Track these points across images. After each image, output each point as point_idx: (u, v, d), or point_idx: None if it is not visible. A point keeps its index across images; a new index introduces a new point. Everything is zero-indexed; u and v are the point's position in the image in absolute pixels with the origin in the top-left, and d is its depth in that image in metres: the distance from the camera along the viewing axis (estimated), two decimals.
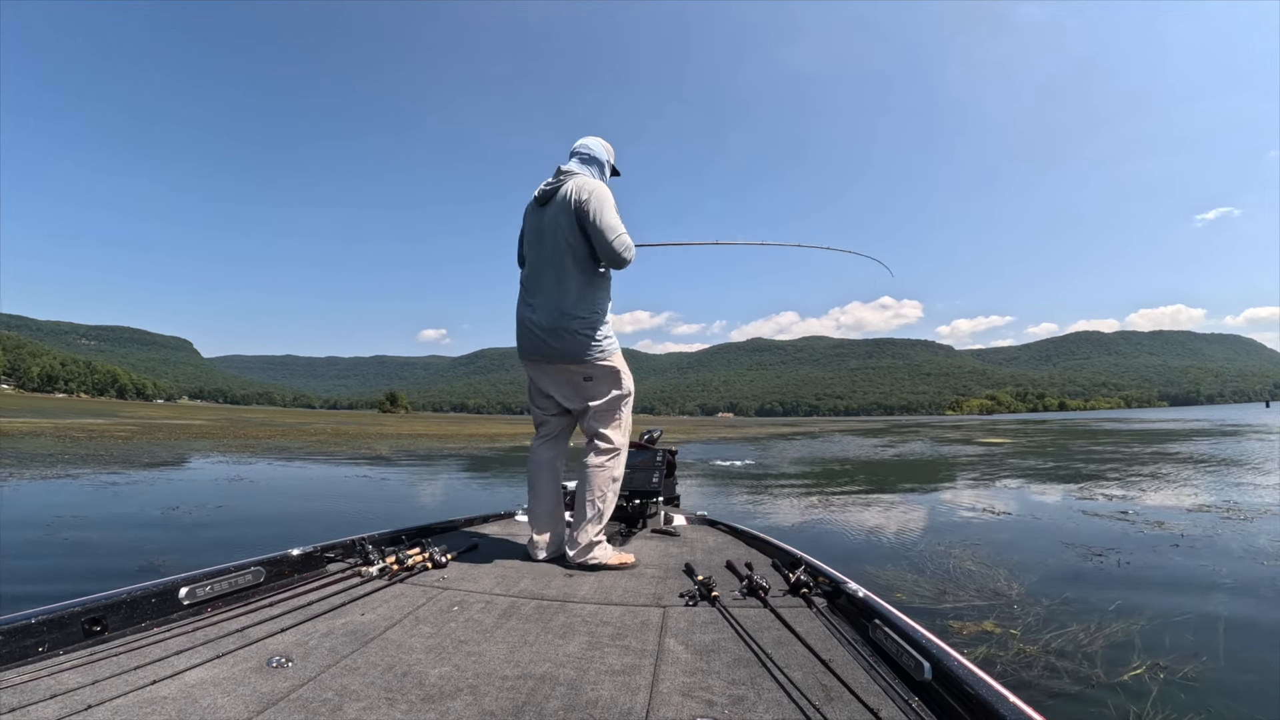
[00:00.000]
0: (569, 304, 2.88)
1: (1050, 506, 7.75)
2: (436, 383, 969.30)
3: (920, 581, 4.28)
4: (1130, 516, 6.88)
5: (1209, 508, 7.48)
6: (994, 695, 1.28)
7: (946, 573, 4.52)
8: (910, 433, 36.90)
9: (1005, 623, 3.50)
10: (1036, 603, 3.84)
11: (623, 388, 3.00)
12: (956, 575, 4.45)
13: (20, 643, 1.62)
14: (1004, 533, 6.07)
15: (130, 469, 10.92)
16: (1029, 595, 3.99)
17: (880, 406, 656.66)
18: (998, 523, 6.60)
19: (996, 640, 3.24)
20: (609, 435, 2.96)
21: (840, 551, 5.36)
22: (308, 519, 6.88)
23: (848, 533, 6.22)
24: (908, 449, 20.50)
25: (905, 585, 4.20)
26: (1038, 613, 3.67)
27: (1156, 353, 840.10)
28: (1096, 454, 16.45)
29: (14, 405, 56.07)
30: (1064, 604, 3.84)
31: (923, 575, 4.46)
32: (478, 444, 21.96)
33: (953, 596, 3.96)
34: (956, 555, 5.03)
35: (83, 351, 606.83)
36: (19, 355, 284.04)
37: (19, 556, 4.76)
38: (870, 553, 5.25)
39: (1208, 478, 10.68)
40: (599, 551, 2.81)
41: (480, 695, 1.53)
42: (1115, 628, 3.48)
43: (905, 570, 4.60)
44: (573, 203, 2.85)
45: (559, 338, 2.88)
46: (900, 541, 5.73)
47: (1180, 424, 40.37)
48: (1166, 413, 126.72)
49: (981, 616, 3.59)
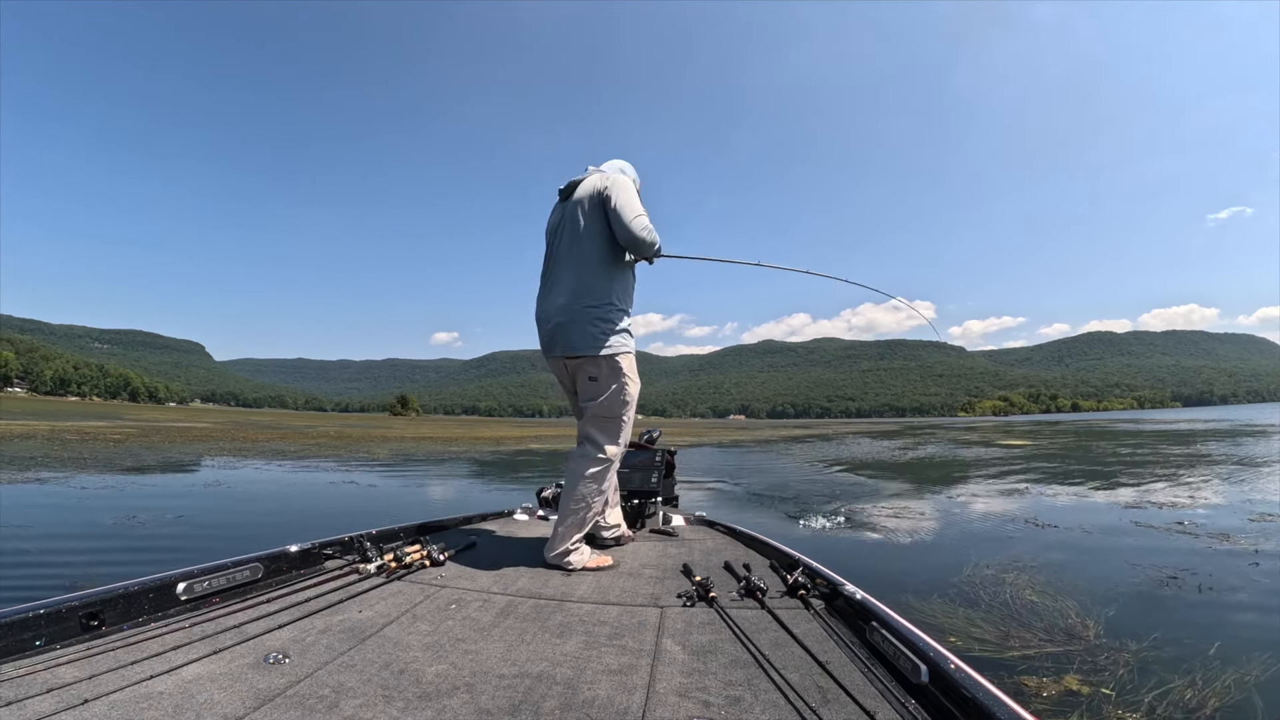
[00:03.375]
0: (580, 292, 2.82)
1: (1097, 517, 6.97)
2: (448, 385, 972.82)
3: (975, 619, 3.54)
4: (1189, 528, 6.16)
5: (1272, 516, 6.78)
6: (990, 698, 1.27)
7: (1005, 606, 3.78)
8: (926, 434, 36.02)
9: (1091, 677, 2.80)
10: (1122, 647, 3.13)
11: (626, 393, 2.85)
12: (1018, 609, 3.70)
13: (17, 636, 1.61)
14: (1056, 551, 5.31)
15: (108, 473, 10.46)
16: (1110, 636, 3.28)
17: (892, 408, 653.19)
18: (1045, 538, 5.85)
19: (1087, 704, 2.55)
20: (601, 444, 2.85)
21: (877, 579, 4.51)
22: (270, 534, 6.20)
23: (878, 552, 5.51)
24: (927, 452, 19.68)
25: (958, 625, 3.46)
26: (1127, 661, 2.96)
27: (1169, 353, 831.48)
28: (1125, 456, 15.61)
29: (21, 408, 56.22)
30: (1155, 648, 3.14)
31: (977, 610, 3.71)
32: (481, 448, 21.34)
33: (1019, 639, 3.23)
34: (1012, 582, 4.27)
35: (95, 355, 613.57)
36: (32, 359, 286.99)
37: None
38: (910, 579, 4.47)
39: (1254, 481, 9.93)
40: (574, 558, 2.74)
41: (477, 693, 1.52)
42: (1226, 680, 2.79)
43: (955, 603, 3.85)
44: (594, 190, 2.85)
45: (566, 330, 2.82)
46: (942, 563, 4.95)
47: (1201, 424, 39.32)
48: (1182, 413, 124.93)
49: (1060, 668, 2.89)
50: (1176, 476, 10.87)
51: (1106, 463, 14.10)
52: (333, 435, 28.12)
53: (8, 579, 4.16)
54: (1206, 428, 32.73)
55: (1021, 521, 6.66)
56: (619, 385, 2.82)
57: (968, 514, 7.44)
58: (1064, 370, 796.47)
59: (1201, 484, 9.80)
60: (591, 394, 2.86)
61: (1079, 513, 7.29)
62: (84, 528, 6.00)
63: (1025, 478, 11.24)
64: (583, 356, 2.81)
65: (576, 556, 2.75)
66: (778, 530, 6.41)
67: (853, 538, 6.08)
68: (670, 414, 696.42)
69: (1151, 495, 8.54)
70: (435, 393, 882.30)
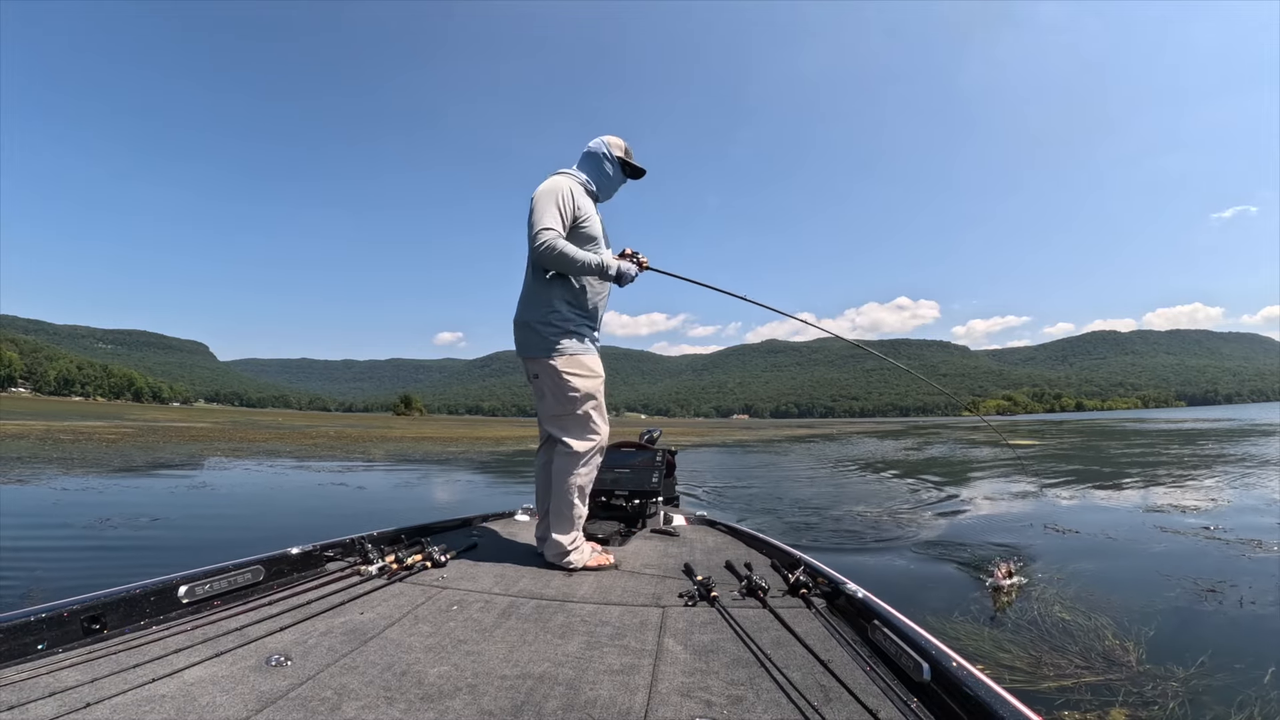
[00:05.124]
0: (527, 299, 2.90)
1: (1117, 521, 6.60)
2: (452, 385, 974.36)
3: (1004, 641, 3.20)
4: (1217, 533, 5.81)
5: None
6: (993, 696, 1.27)
7: (1034, 625, 3.43)
8: (931, 434, 35.60)
9: (1140, 712, 2.47)
10: (1168, 674, 2.80)
11: (576, 389, 2.82)
12: (1049, 629, 3.35)
13: (19, 640, 1.61)
14: (1082, 560, 4.94)
15: (93, 474, 10.16)
16: (1154, 661, 2.94)
17: (896, 408, 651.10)
18: (1068, 545, 5.49)
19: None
20: (563, 439, 2.84)
21: (892, 594, 4.11)
22: (246, 540, 5.87)
23: (893, 563, 5.18)
24: (934, 453, 19.29)
25: (984, 648, 3.11)
26: (1176, 692, 2.63)
27: (1173, 352, 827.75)
28: (1137, 457, 15.20)
29: (23, 408, 56.12)
30: (1205, 674, 2.81)
31: (1004, 630, 3.37)
32: (480, 448, 21.04)
33: (1053, 667, 2.88)
34: (1039, 596, 3.92)
35: (100, 355, 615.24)
36: (36, 359, 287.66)
37: None
38: (928, 594, 4.13)
39: (1276, 483, 9.53)
40: (574, 556, 2.75)
41: (479, 694, 1.52)
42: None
43: (980, 623, 3.50)
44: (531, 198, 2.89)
45: (518, 332, 2.92)
46: (960, 576, 4.59)
47: (1208, 424, 38.74)
48: (1187, 412, 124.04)
49: (1103, 700, 2.56)
50: (1193, 478, 10.49)
51: (1119, 463, 13.70)
52: (332, 436, 27.84)
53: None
54: (1214, 427, 32.25)
55: (1040, 527, 6.30)
56: (559, 383, 2.82)
57: (984, 519, 7.06)
58: (1068, 370, 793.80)
59: (1221, 485, 9.42)
60: (537, 392, 2.92)
61: (1098, 517, 6.93)
62: (51, 531, 5.71)
63: (1038, 479, 10.86)
64: (527, 358, 2.89)
65: (576, 555, 2.76)
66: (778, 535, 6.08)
67: (861, 546, 5.75)
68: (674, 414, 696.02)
69: (1171, 498, 8.18)
70: (439, 392, 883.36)
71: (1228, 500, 7.97)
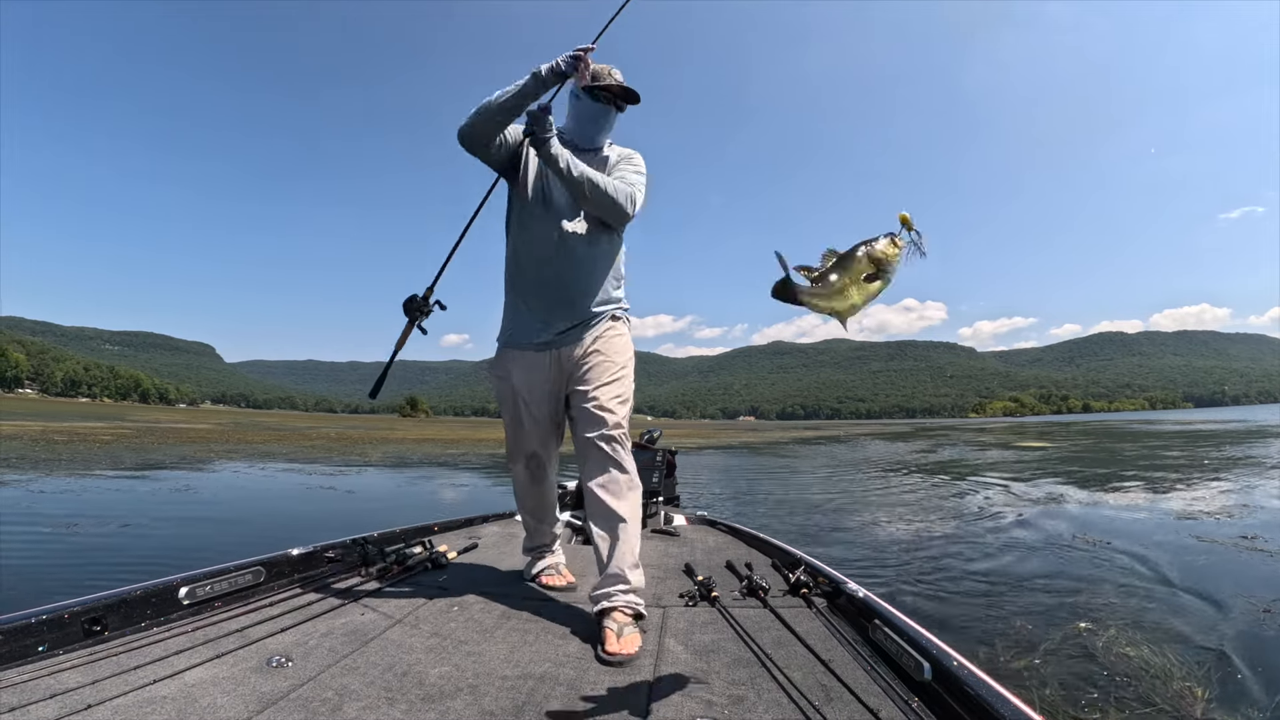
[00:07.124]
0: None
1: (1148, 530, 6.16)
2: (458, 387, 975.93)
3: (1051, 678, 2.72)
4: (1260, 544, 5.39)
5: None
6: (994, 696, 1.26)
7: (1087, 658, 2.98)
8: (940, 436, 35.12)
9: None
10: None
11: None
12: (1106, 663, 2.91)
13: (20, 642, 1.61)
14: (1128, 578, 4.46)
15: (79, 475, 9.92)
16: (1226, 705, 2.52)
17: (902, 409, 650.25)
18: (1107, 562, 4.94)
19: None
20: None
21: (939, 619, 3.62)
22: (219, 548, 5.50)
23: (925, 581, 4.78)
24: (945, 456, 18.88)
25: (1050, 690, 2.66)
26: None
27: (1181, 353, 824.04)
28: (1154, 459, 14.75)
29: (27, 409, 56.19)
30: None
31: (1052, 663, 2.92)
32: (481, 450, 20.75)
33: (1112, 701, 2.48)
34: (1092, 631, 3.43)
35: (106, 357, 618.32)
36: (43, 360, 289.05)
37: None
38: (965, 617, 3.69)
39: None
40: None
41: (480, 695, 1.52)
42: None
43: (1025, 651, 3.07)
44: None
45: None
46: (1008, 604, 4.02)
47: (1218, 425, 38.14)
48: (1196, 414, 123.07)
49: (1108, 703, 2.17)
50: (1216, 481, 10.06)
51: (1136, 466, 13.24)
52: (332, 437, 27.59)
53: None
54: (1225, 429, 31.70)
55: (1069, 536, 5.88)
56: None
57: (1009, 531, 6.55)
58: (1075, 371, 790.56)
59: (1246, 489, 8.98)
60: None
61: (1127, 526, 6.49)
62: (13, 538, 5.40)
63: (1054, 483, 10.45)
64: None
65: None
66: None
67: (892, 564, 5.36)
68: (680, 415, 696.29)
69: (1198, 503, 7.74)
70: (445, 394, 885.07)
71: (1259, 504, 7.57)
